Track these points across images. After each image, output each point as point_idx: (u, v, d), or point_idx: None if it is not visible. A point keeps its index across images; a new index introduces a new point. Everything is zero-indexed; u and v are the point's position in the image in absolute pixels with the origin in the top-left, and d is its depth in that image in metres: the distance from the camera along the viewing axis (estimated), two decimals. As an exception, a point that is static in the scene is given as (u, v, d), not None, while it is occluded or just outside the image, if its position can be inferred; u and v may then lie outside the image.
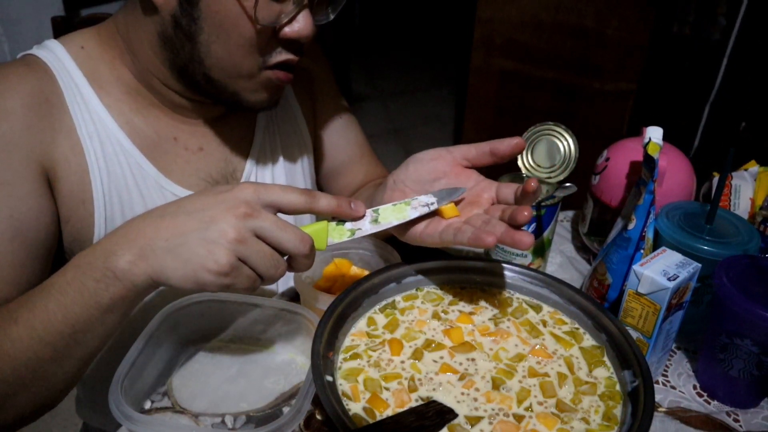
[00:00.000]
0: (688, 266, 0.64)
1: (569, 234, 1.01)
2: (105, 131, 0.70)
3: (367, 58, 4.08)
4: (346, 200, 0.57)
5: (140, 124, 0.72)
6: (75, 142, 0.68)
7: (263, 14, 0.61)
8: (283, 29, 0.64)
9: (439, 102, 3.61)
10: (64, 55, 0.69)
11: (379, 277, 0.66)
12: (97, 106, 0.70)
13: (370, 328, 0.63)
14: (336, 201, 0.56)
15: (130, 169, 0.72)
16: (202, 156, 0.77)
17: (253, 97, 0.70)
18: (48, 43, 0.71)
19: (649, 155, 0.70)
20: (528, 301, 0.68)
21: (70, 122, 0.68)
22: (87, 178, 0.69)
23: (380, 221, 0.58)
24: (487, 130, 2.21)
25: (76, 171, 0.68)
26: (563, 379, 0.58)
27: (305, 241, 0.54)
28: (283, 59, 0.67)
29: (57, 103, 0.67)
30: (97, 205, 0.70)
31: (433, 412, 0.51)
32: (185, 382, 0.64)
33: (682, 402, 0.69)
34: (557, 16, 1.97)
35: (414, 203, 0.60)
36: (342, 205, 0.57)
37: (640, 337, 0.65)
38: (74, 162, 0.68)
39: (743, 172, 0.92)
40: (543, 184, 0.80)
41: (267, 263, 0.52)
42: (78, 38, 0.72)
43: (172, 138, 0.75)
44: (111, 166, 0.70)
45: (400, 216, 0.59)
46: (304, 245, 0.53)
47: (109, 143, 0.70)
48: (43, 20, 1.34)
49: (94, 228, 0.70)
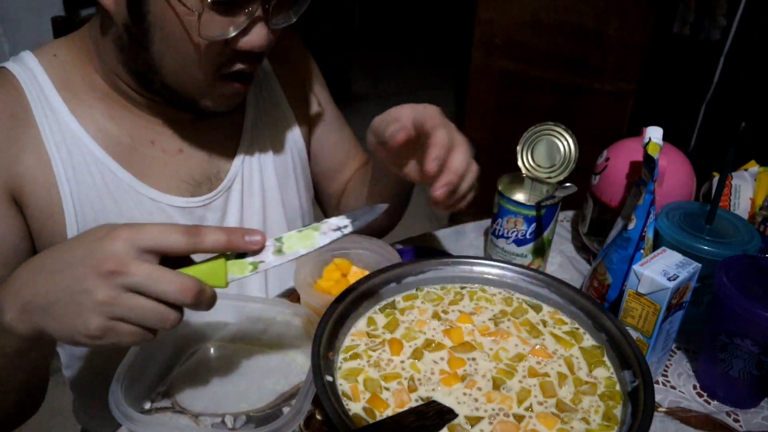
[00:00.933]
0: (688, 266, 0.64)
1: (569, 234, 1.01)
2: (74, 141, 0.69)
3: (367, 58, 4.08)
4: (240, 232, 0.51)
5: (113, 130, 0.71)
6: (41, 156, 0.67)
7: (208, 29, 0.60)
8: (237, 41, 0.63)
9: (439, 102, 3.59)
10: (36, 66, 0.69)
11: (379, 277, 0.66)
12: (67, 116, 0.69)
13: (370, 328, 0.63)
14: (226, 236, 0.50)
15: (102, 178, 0.70)
16: (182, 158, 0.76)
17: (210, 103, 0.70)
18: (23, 54, 0.71)
19: (649, 155, 0.70)
20: (528, 301, 0.68)
21: (36, 135, 0.67)
22: (55, 191, 0.68)
23: (285, 251, 0.53)
24: (487, 130, 2.21)
25: (43, 185, 0.67)
26: (563, 379, 0.58)
27: (187, 290, 0.48)
28: (238, 69, 0.66)
29: (23, 117, 0.67)
30: (68, 217, 0.69)
31: (433, 412, 0.51)
32: (185, 382, 0.64)
33: (682, 402, 0.69)
34: (557, 16, 1.97)
35: (324, 227, 0.54)
36: (234, 239, 0.50)
37: (640, 337, 0.65)
38: (41, 176, 0.67)
39: (743, 172, 0.92)
40: (543, 184, 0.80)
41: (149, 317, 0.48)
42: (52, 47, 0.72)
43: (149, 141, 0.74)
44: (81, 176, 0.69)
45: (308, 244, 0.53)
46: (186, 294, 0.48)
47: (78, 153, 0.69)
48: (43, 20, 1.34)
49: (67, 239, 0.69)
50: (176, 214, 0.75)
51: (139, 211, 0.73)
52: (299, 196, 0.90)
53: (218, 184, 0.79)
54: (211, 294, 0.51)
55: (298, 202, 0.90)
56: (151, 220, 0.73)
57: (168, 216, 0.74)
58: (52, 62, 0.70)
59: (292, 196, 0.88)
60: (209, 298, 0.50)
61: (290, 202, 0.88)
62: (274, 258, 0.52)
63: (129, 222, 0.70)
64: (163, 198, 0.74)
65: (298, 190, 0.89)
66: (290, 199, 0.88)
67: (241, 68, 0.66)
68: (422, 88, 3.87)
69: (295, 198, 0.89)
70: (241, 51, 0.64)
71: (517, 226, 0.81)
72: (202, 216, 0.77)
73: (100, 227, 0.50)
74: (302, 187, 0.91)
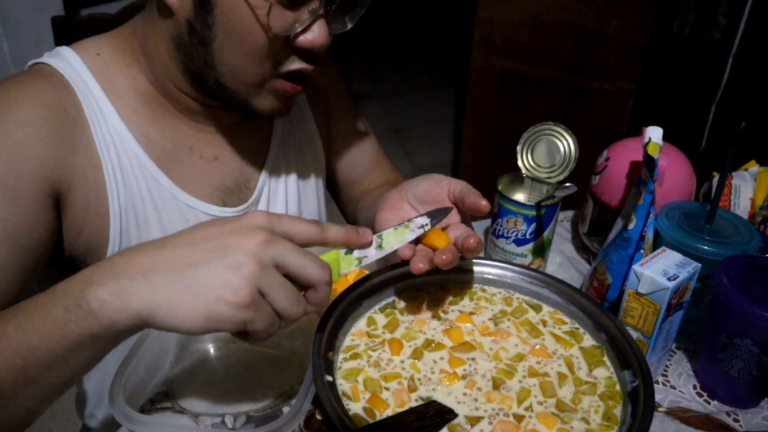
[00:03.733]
0: (688, 266, 0.64)
1: (569, 234, 1.01)
2: (122, 145, 0.69)
3: (367, 58, 4.08)
4: (354, 229, 0.54)
5: (156, 135, 0.72)
6: (93, 156, 0.68)
7: (276, 23, 0.60)
8: (297, 38, 0.63)
9: (439, 102, 3.61)
10: (80, 64, 0.68)
11: (379, 277, 0.66)
12: (115, 120, 0.69)
13: (370, 328, 0.63)
14: (345, 231, 0.53)
15: (146, 183, 0.71)
16: (217, 165, 0.77)
17: (263, 104, 0.69)
18: (61, 50, 0.69)
19: (649, 155, 0.70)
20: (528, 301, 0.68)
21: (89, 135, 0.67)
22: (104, 192, 0.68)
23: (384, 246, 0.57)
24: (487, 130, 2.21)
25: (93, 185, 0.68)
26: (563, 379, 0.58)
27: (327, 269, 0.49)
28: (295, 68, 0.66)
29: (76, 116, 0.67)
30: (113, 218, 0.70)
31: (433, 412, 0.51)
32: (185, 382, 0.64)
33: (682, 402, 0.69)
34: (557, 16, 1.97)
35: (412, 225, 0.60)
36: (351, 234, 0.54)
37: (640, 337, 0.65)
38: (91, 176, 0.68)
39: (743, 172, 0.92)
40: (543, 184, 0.80)
41: (289, 298, 0.47)
42: (93, 45, 0.71)
43: (188, 147, 0.75)
44: (127, 180, 0.70)
45: (401, 239, 0.59)
46: (327, 273, 0.49)
47: (125, 157, 0.70)
48: (43, 20, 1.34)
49: (108, 241, 0.70)
50: None
51: (177, 217, 0.74)
52: (318, 207, 0.92)
53: (248, 194, 0.80)
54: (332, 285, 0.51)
55: (317, 213, 0.92)
56: (187, 226, 0.73)
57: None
58: (96, 61, 0.69)
59: (312, 209, 0.90)
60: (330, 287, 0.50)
61: (310, 214, 0.90)
62: (375, 252, 0.57)
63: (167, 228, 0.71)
64: (199, 205, 0.75)
65: (318, 201, 0.91)
66: (310, 211, 0.90)
67: (298, 68, 0.66)
68: (422, 88, 3.87)
69: (314, 209, 0.91)
70: (300, 49, 0.64)
71: (517, 226, 0.81)
72: None
73: (223, 218, 0.49)
74: (321, 198, 0.93)
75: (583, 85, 2.03)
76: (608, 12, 1.90)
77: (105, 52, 0.70)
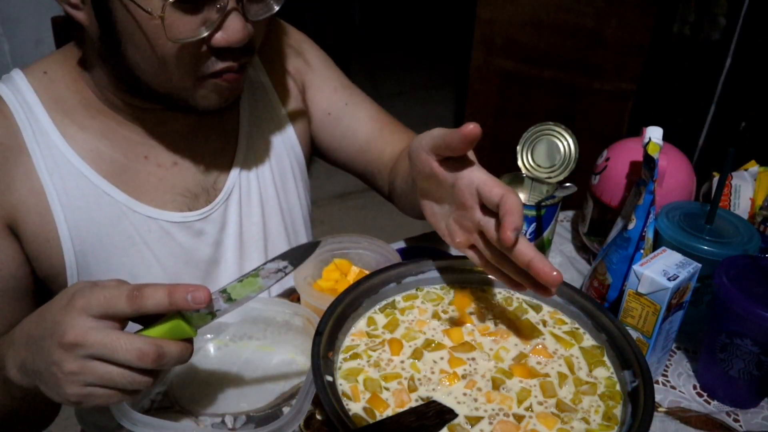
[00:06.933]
0: (688, 266, 0.64)
1: (569, 234, 1.01)
2: (66, 166, 0.68)
3: (367, 58, 4.08)
4: (182, 290, 0.49)
5: (106, 149, 0.70)
6: (34, 184, 0.67)
7: (177, 30, 0.58)
8: (212, 38, 0.60)
9: (439, 102, 3.61)
10: (25, 86, 0.68)
11: (379, 277, 0.66)
12: (58, 140, 0.68)
13: (370, 328, 0.63)
14: (168, 298, 0.49)
15: (97, 201, 0.69)
16: (177, 171, 0.74)
17: (205, 101, 0.67)
18: (12, 74, 0.69)
19: (649, 155, 0.70)
20: (528, 301, 0.68)
21: (28, 163, 0.66)
22: (49, 218, 0.67)
23: (234, 298, 0.53)
24: (487, 130, 2.20)
25: (37, 213, 0.67)
26: (563, 379, 0.58)
27: (144, 356, 0.48)
28: (221, 68, 0.63)
29: (14, 145, 0.66)
30: (64, 243, 0.68)
31: (433, 412, 0.51)
32: (185, 382, 0.64)
33: (682, 402, 0.69)
34: (557, 16, 1.97)
35: (263, 273, 0.54)
36: (176, 300, 0.49)
37: (640, 337, 0.65)
38: (34, 204, 0.67)
39: (743, 172, 0.92)
40: (543, 184, 0.80)
41: (120, 381, 0.49)
42: (42, 64, 0.70)
43: (142, 157, 0.72)
44: (74, 201, 0.68)
45: (255, 288, 0.53)
46: (145, 360, 0.48)
47: (71, 178, 0.68)
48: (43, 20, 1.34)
49: (65, 265, 0.69)
50: (174, 230, 0.74)
51: (136, 230, 0.72)
52: (299, 197, 0.89)
53: (215, 196, 0.77)
54: (178, 352, 0.50)
55: (298, 204, 0.89)
56: (149, 237, 0.73)
57: (166, 232, 0.73)
58: (42, 80, 0.69)
59: (292, 200, 0.88)
60: (176, 355, 0.50)
61: (290, 206, 0.87)
62: (228, 305, 0.53)
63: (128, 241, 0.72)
64: (160, 215, 0.73)
65: (298, 191, 0.89)
66: (290, 203, 0.87)
67: (223, 67, 0.63)
68: (422, 88, 3.87)
69: (295, 201, 0.88)
70: (220, 49, 0.61)
71: (517, 226, 0.81)
72: (201, 229, 0.76)
73: (65, 292, 0.51)
74: (301, 187, 0.90)
75: (583, 86, 2.03)
76: (608, 12, 1.90)
77: (52, 69, 0.70)
